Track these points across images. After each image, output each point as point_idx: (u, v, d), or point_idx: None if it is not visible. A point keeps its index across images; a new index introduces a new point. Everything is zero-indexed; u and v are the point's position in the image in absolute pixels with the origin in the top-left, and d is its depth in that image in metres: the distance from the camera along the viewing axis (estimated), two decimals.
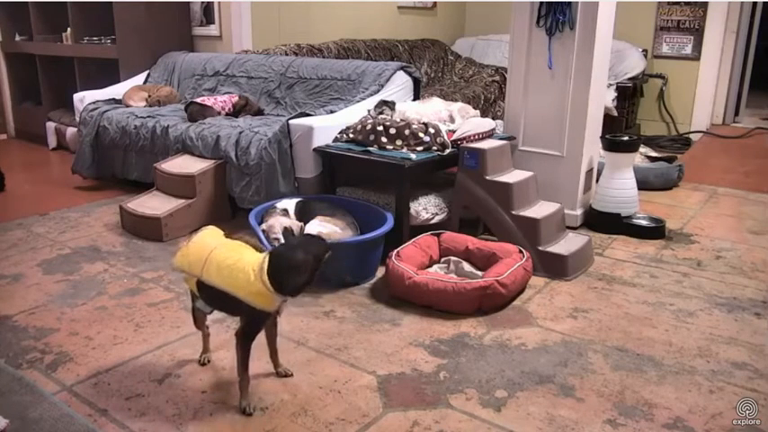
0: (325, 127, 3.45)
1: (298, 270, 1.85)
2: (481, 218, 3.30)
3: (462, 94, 5.34)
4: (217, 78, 4.74)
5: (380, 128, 3.25)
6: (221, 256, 1.93)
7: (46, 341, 2.36)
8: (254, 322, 1.94)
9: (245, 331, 1.94)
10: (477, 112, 3.80)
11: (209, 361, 2.23)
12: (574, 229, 3.50)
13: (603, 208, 3.57)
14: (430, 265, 2.96)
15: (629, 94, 5.96)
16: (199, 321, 2.20)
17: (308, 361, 2.24)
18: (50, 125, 5.60)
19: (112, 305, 2.66)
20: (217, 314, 2.56)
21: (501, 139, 3.43)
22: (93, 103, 4.56)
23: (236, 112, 4.21)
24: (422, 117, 3.44)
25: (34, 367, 2.19)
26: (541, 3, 3.37)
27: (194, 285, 2.02)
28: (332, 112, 3.76)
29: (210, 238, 2.04)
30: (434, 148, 3.21)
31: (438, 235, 3.08)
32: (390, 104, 3.61)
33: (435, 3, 7.02)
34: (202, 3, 5.38)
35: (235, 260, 1.91)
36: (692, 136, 6.17)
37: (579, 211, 3.58)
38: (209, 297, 2.02)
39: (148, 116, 4.18)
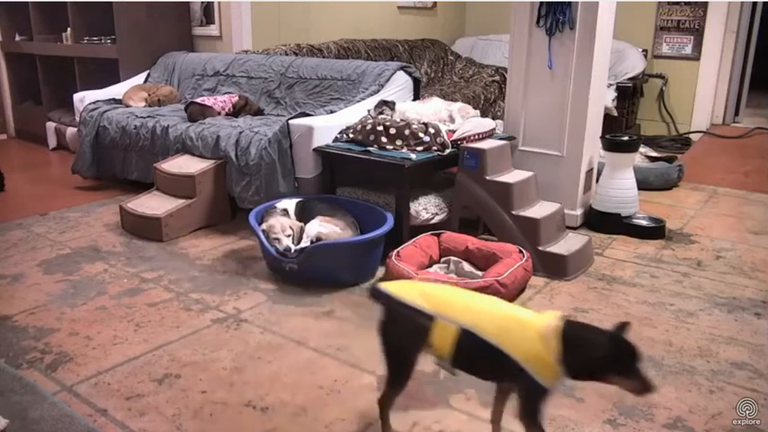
0: (326, 127, 3.45)
1: (593, 347, 1.48)
2: (481, 218, 3.30)
3: (462, 94, 5.34)
4: (217, 78, 4.75)
5: (380, 128, 3.25)
6: (486, 302, 1.58)
7: (46, 341, 2.36)
8: (534, 397, 1.48)
9: (527, 411, 1.49)
10: (477, 112, 3.80)
11: None
12: (574, 229, 3.49)
13: (603, 208, 3.57)
14: (430, 265, 2.96)
15: (629, 94, 5.96)
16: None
17: (308, 361, 2.24)
18: (50, 125, 5.60)
19: (112, 305, 2.66)
20: (216, 314, 2.58)
21: (501, 139, 3.43)
22: (93, 103, 4.56)
23: (236, 112, 4.21)
24: (422, 117, 3.44)
25: (34, 367, 2.19)
26: (541, 3, 3.37)
27: (449, 340, 1.54)
28: (332, 112, 3.76)
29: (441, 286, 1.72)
30: (434, 148, 3.21)
31: (438, 235, 3.08)
32: (390, 104, 3.61)
33: (435, 3, 7.02)
34: (202, 3, 5.38)
35: (506, 311, 1.55)
36: (691, 136, 6.17)
37: (579, 211, 3.58)
38: (465, 354, 1.56)
39: (148, 116, 4.18)
